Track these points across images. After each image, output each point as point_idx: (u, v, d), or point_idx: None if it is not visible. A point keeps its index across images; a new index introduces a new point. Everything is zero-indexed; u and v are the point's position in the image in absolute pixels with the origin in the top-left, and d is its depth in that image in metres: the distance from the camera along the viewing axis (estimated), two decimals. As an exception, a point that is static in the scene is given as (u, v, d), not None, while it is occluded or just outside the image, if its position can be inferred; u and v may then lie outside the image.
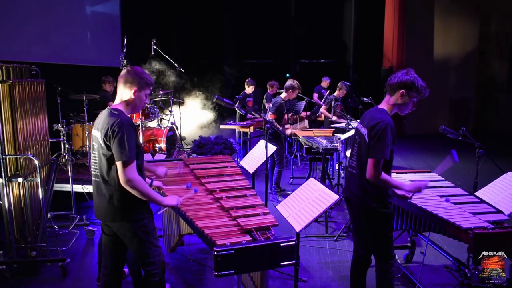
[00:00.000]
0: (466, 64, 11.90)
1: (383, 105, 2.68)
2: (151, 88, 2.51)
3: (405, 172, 3.61)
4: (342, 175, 6.07)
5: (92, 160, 2.50)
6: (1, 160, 3.41)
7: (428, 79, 2.73)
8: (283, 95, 5.56)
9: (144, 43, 7.46)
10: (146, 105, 6.63)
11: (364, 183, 2.61)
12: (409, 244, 3.80)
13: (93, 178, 2.51)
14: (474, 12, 11.67)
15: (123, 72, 2.47)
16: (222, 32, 13.04)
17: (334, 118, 7.13)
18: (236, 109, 7.49)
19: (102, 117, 2.42)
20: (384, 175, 2.52)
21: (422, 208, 2.85)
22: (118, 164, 2.31)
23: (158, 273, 2.53)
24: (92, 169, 2.51)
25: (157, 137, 6.61)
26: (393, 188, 2.60)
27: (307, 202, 2.72)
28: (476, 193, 3.18)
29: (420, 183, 2.65)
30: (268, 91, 7.65)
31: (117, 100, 2.47)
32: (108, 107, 2.46)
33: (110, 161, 2.36)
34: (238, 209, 2.84)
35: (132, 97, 2.43)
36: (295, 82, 5.53)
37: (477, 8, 11.62)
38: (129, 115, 2.47)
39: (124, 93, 2.44)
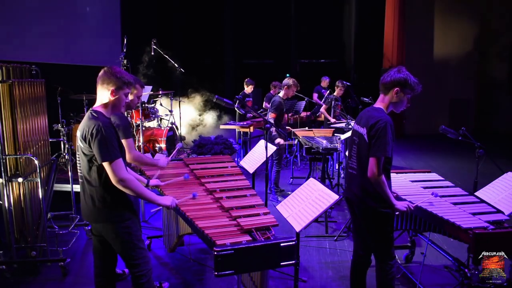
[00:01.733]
0: (466, 64, 11.91)
1: (378, 104, 2.69)
2: (130, 87, 2.48)
3: (405, 172, 3.61)
4: (342, 175, 6.07)
5: (77, 161, 2.51)
6: (1, 160, 3.41)
7: (428, 79, 2.76)
8: (281, 93, 5.57)
9: (144, 43, 7.47)
10: (147, 105, 6.62)
11: (364, 183, 2.61)
12: (409, 244, 3.80)
13: (79, 179, 2.53)
14: (474, 12, 11.68)
15: (100, 72, 2.45)
16: (222, 32, 13.04)
17: (333, 120, 7.14)
18: (236, 109, 7.49)
19: (83, 119, 2.43)
20: (383, 179, 2.52)
21: (422, 208, 2.85)
22: (105, 165, 2.31)
23: (144, 274, 2.51)
24: (78, 170, 2.52)
25: (157, 137, 6.61)
26: (384, 195, 2.56)
27: (307, 202, 2.72)
28: (476, 193, 3.17)
29: (407, 204, 2.63)
30: (270, 91, 7.65)
31: (97, 102, 2.46)
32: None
33: (91, 162, 2.37)
34: (238, 209, 2.84)
35: (110, 97, 2.41)
36: (291, 80, 5.54)
37: (477, 8, 11.63)
38: (109, 116, 2.46)
39: (103, 94, 2.43)
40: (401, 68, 2.65)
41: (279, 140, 5.33)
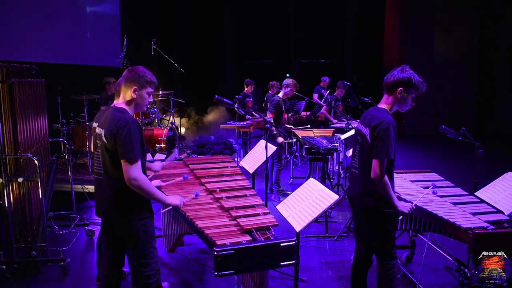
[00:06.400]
0: (466, 64, 11.90)
1: (382, 104, 2.67)
2: (153, 86, 2.51)
3: (405, 172, 3.60)
4: (342, 175, 6.07)
5: (95, 158, 2.50)
6: (1, 160, 3.41)
7: (428, 79, 2.73)
8: (281, 93, 5.59)
9: (144, 43, 7.47)
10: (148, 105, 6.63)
11: (366, 183, 2.61)
12: (409, 244, 3.80)
13: (96, 176, 2.51)
14: (474, 12, 11.67)
15: (125, 71, 2.49)
16: (222, 32, 13.04)
17: (335, 121, 7.14)
18: (235, 109, 7.50)
19: (107, 115, 2.41)
20: (387, 180, 2.51)
21: (422, 208, 2.85)
22: (123, 162, 2.31)
23: (153, 274, 2.51)
24: (95, 167, 2.51)
25: (157, 137, 6.61)
26: (387, 196, 2.55)
27: (307, 202, 2.72)
28: (476, 193, 3.17)
29: (408, 206, 2.63)
30: (269, 91, 7.66)
31: (121, 99, 2.48)
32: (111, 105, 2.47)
33: (114, 159, 2.36)
34: (238, 209, 2.84)
35: (133, 95, 2.43)
36: (290, 80, 5.57)
37: (477, 8, 11.63)
38: (132, 114, 2.47)
39: (126, 92, 2.45)
40: (404, 67, 2.61)
41: (281, 139, 5.41)
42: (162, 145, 6.53)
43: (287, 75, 12.02)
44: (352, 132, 4.98)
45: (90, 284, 3.45)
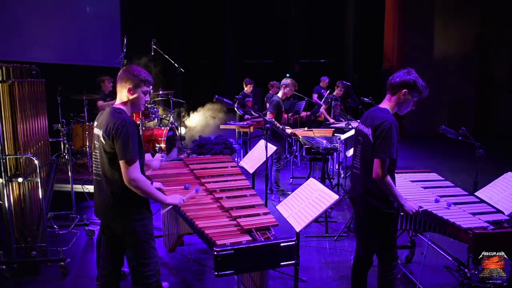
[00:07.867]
0: (466, 64, 11.90)
1: (384, 105, 2.68)
2: (148, 85, 2.47)
3: (405, 172, 3.61)
4: (342, 175, 6.07)
5: (93, 159, 2.50)
6: (1, 160, 3.41)
7: (428, 79, 2.74)
8: (280, 93, 5.60)
9: (144, 43, 7.47)
10: (147, 104, 6.63)
11: (368, 184, 2.60)
12: (409, 244, 3.80)
13: (94, 177, 2.51)
14: (474, 12, 11.67)
15: (120, 71, 2.48)
16: (222, 32, 13.05)
17: (332, 120, 7.15)
18: (235, 109, 7.50)
19: (104, 116, 2.41)
20: (389, 179, 2.51)
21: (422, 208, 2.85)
22: (122, 163, 2.30)
23: (153, 274, 2.51)
24: (93, 168, 2.51)
25: (157, 137, 6.61)
26: (392, 196, 2.56)
27: (307, 202, 2.72)
28: (476, 193, 3.17)
29: (415, 205, 2.64)
30: (270, 91, 7.66)
31: (118, 100, 2.47)
32: (109, 106, 2.47)
33: (112, 159, 2.35)
34: (238, 209, 2.84)
35: (129, 95, 2.42)
36: (289, 79, 5.58)
37: (477, 8, 11.62)
38: (130, 114, 2.47)
39: (122, 92, 2.44)
40: (410, 70, 2.63)
41: (289, 131, 5.78)
42: (162, 145, 6.53)
43: (287, 75, 12.03)
44: (352, 132, 4.98)
45: (90, 284, 3.45)
